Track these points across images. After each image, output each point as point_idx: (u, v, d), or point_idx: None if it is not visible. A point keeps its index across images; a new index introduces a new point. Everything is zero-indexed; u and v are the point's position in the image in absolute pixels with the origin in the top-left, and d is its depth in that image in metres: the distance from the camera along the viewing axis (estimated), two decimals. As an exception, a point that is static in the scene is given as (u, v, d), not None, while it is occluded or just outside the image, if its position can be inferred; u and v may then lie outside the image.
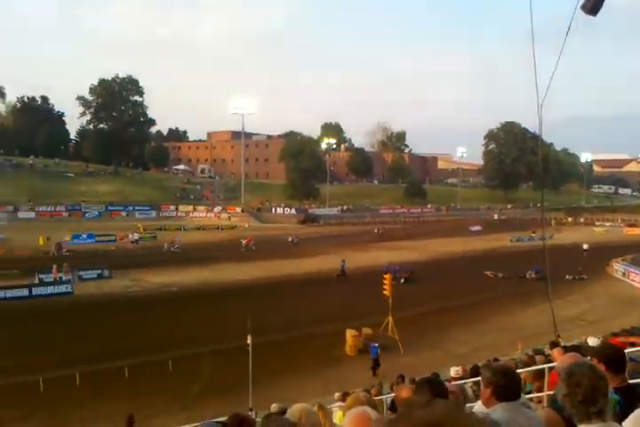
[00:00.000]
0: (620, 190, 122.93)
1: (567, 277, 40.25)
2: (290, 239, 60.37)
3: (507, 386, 3.36)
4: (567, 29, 7.42)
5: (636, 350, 6.79)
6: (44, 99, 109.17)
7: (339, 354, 24.66)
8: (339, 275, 40.81)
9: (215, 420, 3.31)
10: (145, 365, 21.70)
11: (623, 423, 3.07)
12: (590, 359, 4.76)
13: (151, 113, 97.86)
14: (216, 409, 15.43)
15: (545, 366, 8.85)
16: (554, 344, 10.90)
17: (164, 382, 20.65)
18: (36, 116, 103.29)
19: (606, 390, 2.81)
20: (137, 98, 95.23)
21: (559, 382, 2.99)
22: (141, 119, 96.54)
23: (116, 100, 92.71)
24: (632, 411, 3.17)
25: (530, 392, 9.50)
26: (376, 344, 23.54)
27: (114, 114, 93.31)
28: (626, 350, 6.73)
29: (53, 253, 47.98)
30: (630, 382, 4.75)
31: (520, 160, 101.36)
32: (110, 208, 76.35)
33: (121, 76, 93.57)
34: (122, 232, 58.16)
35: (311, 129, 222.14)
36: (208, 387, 20.36)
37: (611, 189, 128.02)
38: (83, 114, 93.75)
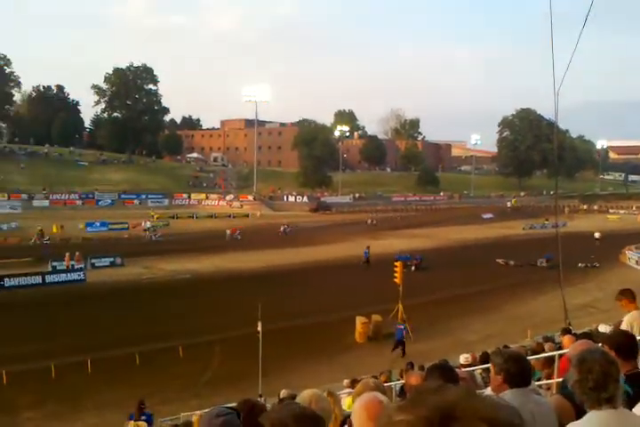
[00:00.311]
0: (630, 177, 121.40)
1: (579, 264, 39.95)
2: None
3: (518, 373, 3.31)
4: (585, 17, 7.26)
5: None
6: (60, 88, 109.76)
7: (349, 341, 24.75)
8: (363, 262, 40.78)
9: (225, 406, 3.27)
10: (156, 352, 21.90)
11: (634, 409, 3.02)
12: (601, 346, 4.69)
13: (165, 101, 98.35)
14: (227, 396, 15.52)
15: (555, 352, 8.79)
16: (565, 331, 10.83)
17: (175, 369, 20.85)
18: (52, 105, 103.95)
19: (617, 376, 2.76)
20: (151, 86, 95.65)
21: (571, 368, 2.94)
22: (155, 107, 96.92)
23: (131, 88, 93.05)
24: (642, 397, 3.13)
25: (539, 379, 9.46)
26: (402, 326, 23.79)
27: (128, 102, 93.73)
28: (639, 337, 6.64)
29: (35, 241, 47.97)
30: (641, 368, 4.68)
31: (535, 147, 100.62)
32: (123, 196, 76.95)
33: (135, 64, 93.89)
34: (135, 220, 58.52)
35: (324, 117, 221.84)
36: (219, 374, 20.51)
37: (620, 175, 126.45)
38: (97, 102, 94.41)
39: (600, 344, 5.08)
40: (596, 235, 52.13)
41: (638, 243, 46.95)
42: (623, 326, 7.58)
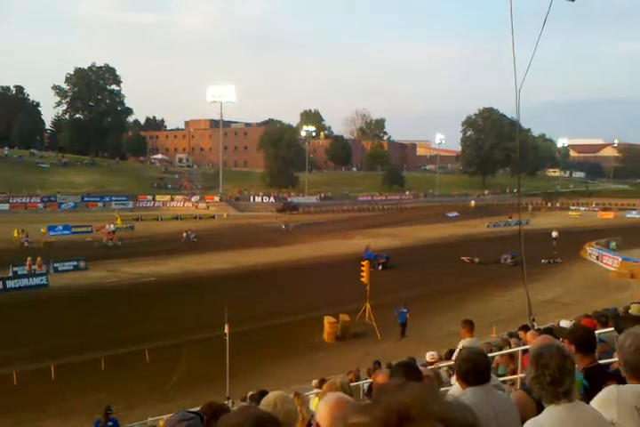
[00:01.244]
0: (574, 174, 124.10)
1: (543, 261, 40.80)
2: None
3: (470, 371, 3.36)
4: (545, 17, 7.41)
5: (606, 331, 6.88)
6: (19, 88, 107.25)
7: (317, 341, 24.75)
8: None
9: (189, 410, 3.24)
10: (122, 356, 21.56)
11: (591, 402, 3.09)
12: (562, 341, 4.80)
13: (128, 102, 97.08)
14: (195, 399, 15.38)
15: (518, 348, 8.95)
16: (524, 328, 11.05)
17: (141, 374, 20.54)
18: (11, 106, 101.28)
19: (573, 370, 2.82)
20: (114, 87, 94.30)
21: (528, 364, 2.99)
22: (118, 108, 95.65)
23: (93, 89, 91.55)
24: (600, 390, 3.20)
25: (504, 375, 9.62)
26: (405, 310, 24.97)
27: (90, 103, 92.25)
28: (596, 332, 6.81)
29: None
30: (600, 362, 4.80)
31: (497, 146, 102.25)
32: (86, 199, 75.61)
33: (98, 64, 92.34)
34: (98, 223, 57.52)
35: (290, 117, 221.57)
36: (186, 377, 20.28)
37: (565, 173, 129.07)
38: (58, 103, 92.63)
39: (561, 339, 5.20)
40: (554, 234, 50.37)
41: (599, 239, 48.13)
42: (457, 349, 8.91)
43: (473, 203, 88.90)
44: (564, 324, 12.68)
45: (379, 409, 1.09)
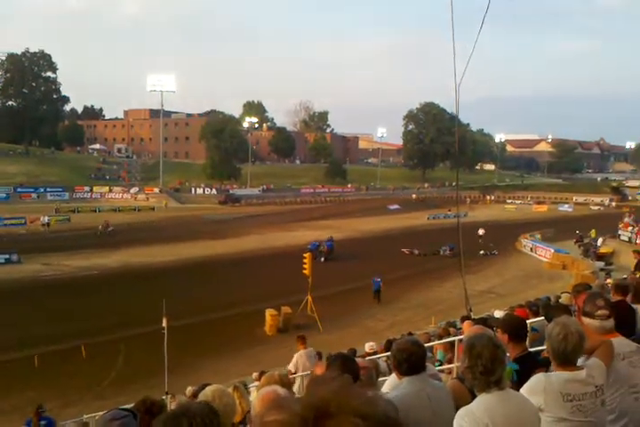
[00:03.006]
0: (500, 171, 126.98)
1: (480, 252, 41.94)
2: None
3: (405, 361, 3.40)
4: (483, 16, 7.57)
5: (538, 320, 7.14)
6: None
7: (258, 334, 24.71)
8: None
9: (122, 407, 3.16)
10: (57, 353, 20.97)
11: (521, 390, 3.20)
12: (495, 330, 4.94)
13: (65, 90, 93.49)
14: (133, 395, 15.07)
15: (454, 338, 9.17)
16: (465, 318, 11.33)
17: (78, 370, 20.03)
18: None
19: (504, 359, 2.90)
20: (49, 74, 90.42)
21: (461, 354, 3.06)
22: (54, 96, 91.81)
23: (27, 75, 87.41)
24: (530, 377, 3.31)
25: (443, 362, 9.86)
26: (378, 279, 29.51)
27: (24, 90, 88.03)
28: (528, 321, 7.05)
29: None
30: (530, 350, 4.97)
31: (437, 140, 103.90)
32: (20, 190, 72.57)
33: (32, 50, 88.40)
34: (32, 215, 55.55)
35: (233, 108, 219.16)
36: (124, 373, 19.90)
37: (496, 165, 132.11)
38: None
39: (495, 329, 5.36)
40: (480, 232, 47.79)
41: (533, 231, 49.82)
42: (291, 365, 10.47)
43: (414, 196, 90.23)
44: (498, 314, 13.07)
45: (297, 405, 1.09)
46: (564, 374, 3.15)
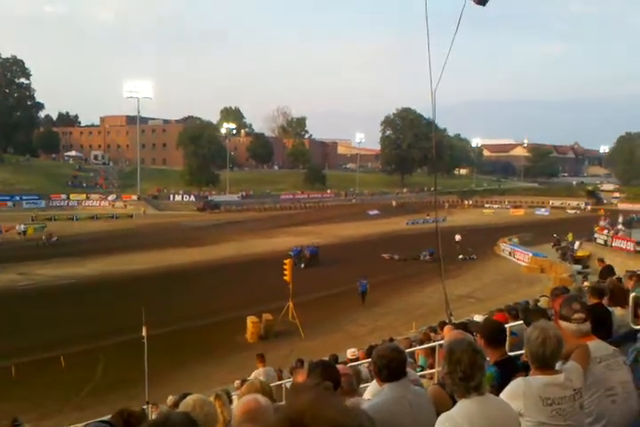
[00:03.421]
0: (477, 176, 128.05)
1: (459, 257, 42.19)
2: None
3: (385, 367, 3.42)
4: (458, 22, 7.65)
5: (517, 324, 7.20)
6: None
7: (240, 342, 24.54)
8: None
9: (101, 419, 3.14)
10: (35, 363, 20.62)
11: (500, 395, 3.23)
12: (475, 335, 4.98)
13: (39, 97, 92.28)
14: (113, 406, 14.86)
15: (435, 343, 9.21)
16: (443, 323, 11.39)
17: (56, 381, 19.68)
18: None
19: (483, 364, 2.93)
20: (23, 80, 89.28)
21: (441, 360, 3.08)
22: (28, 103, 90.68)
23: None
24: (510, 382, 3.35)
25: (424, 367, 9.88)
26: (365, 281, 30.17)
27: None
28: (507, 325, 7.11)
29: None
30: (510, 354, 5.02)
31: (415, 146, 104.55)
32: (-6, 198, 71.49)
33: (4, 56, 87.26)
34: (8, 223, 54.73)
35: (210, 114, 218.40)
36: (104, 383, 19.61)
37: (474, 171, 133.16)
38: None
39: (474, 333, 5.40)
40: (457, 237, 47.10)
41: (511, 235, 50.28)
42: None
43: (394, 203, 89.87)
44: (478, 318, 13.16)
45: (272, 417, 1.10)
46: (542, 379, 3.19)
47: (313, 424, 1.05)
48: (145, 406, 13.84)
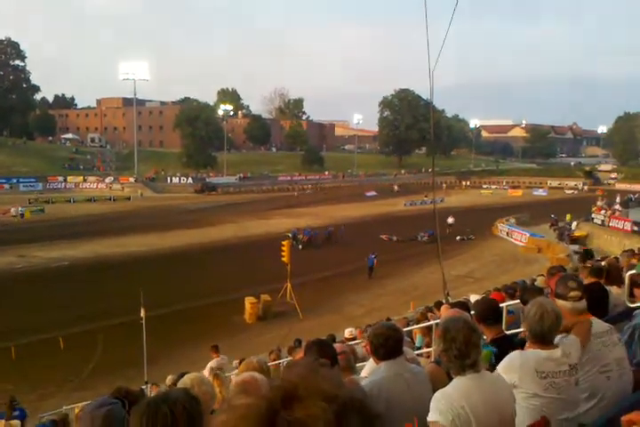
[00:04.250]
0: (475, 157, 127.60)
1: (457, 238, 42.29)
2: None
3: (381, 345, 3.43)
4: (456, 2, 7.55)
5: (514, 303, 7.23)
6: None
7: (238, 322, 24.72)
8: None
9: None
10: (35, 344, 20.74)
11: (497, 367, 3.26)
12: (471, 314, 4.99)
13: (35, 79, 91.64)
14: (112, 386, 14.91)
15: (432, 322, 9.26)
16: (439, 303, 11.43)
17: (56, 361, 19.82)
18: None
19: (478, 342, 2.93)
20: (18, 62, 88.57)
21: (437, 338, 3.09)
22: (24, 85, 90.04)
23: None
24: (507, 357, 3.37)
25: (421, 348, 9.95)
26: (373, 256, 31.45)
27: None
28: (504, 304, 7.14)
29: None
30: (507, 332, 5.04)
31: (413, 127, 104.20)
32: (-9, 181, 71.35)
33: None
34: (5, 206, 54.68)
35: (207, 96, 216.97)
36: (103, 363, 19.76)
37: (472, 151, 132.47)
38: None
39: (472, 312, 5.41)
40: (449, 220, 44.85)
41: (509, 215, 50.36)
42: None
43: (396, 187, 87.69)
44: (473, 298, 13.19)
45: (265, 389, 1.09)
46: (540, 352, 3.21)
47: (306, 395, 1.04)
48: (144, 386, 13.96)
